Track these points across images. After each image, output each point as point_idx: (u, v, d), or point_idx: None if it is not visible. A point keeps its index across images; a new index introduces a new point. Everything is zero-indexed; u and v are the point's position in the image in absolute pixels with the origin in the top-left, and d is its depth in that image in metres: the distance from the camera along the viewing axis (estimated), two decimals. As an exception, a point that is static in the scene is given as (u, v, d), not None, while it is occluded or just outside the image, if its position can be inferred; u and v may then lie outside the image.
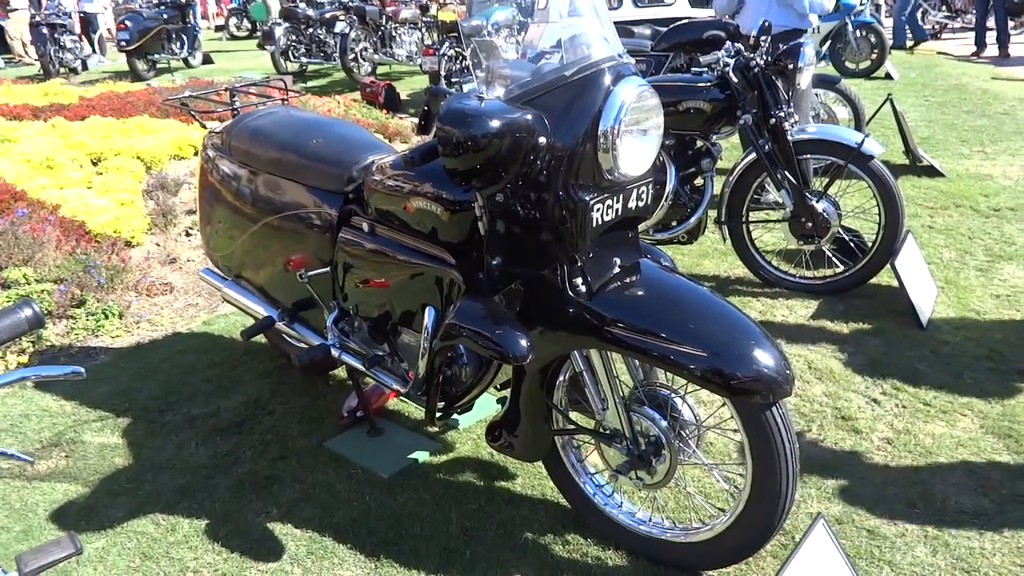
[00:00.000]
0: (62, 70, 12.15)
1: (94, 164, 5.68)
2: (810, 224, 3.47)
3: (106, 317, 3.76)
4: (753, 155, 3.49)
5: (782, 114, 3.40)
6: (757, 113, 3.45)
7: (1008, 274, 3.73)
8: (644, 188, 1.91)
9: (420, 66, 10.24)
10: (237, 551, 2.21)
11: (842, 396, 2.80)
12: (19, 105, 7.20)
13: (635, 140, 1.78)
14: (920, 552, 2.07)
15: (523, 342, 1.81)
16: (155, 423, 2.86)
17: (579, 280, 1.85)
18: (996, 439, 2.52)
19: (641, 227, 2.29)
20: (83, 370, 1.16)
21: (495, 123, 1.67)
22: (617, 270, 1.91)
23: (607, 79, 1.75)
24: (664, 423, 1.94)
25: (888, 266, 3.33)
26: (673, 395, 1.99)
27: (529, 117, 1.71)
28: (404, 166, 1.96)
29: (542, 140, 1.73)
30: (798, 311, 3.47)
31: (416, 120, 7.43)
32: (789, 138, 3.39)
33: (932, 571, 2.00)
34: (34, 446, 2.75)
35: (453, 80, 8.49)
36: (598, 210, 1.79)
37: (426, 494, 2.41)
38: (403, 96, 9.15)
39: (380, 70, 11.37)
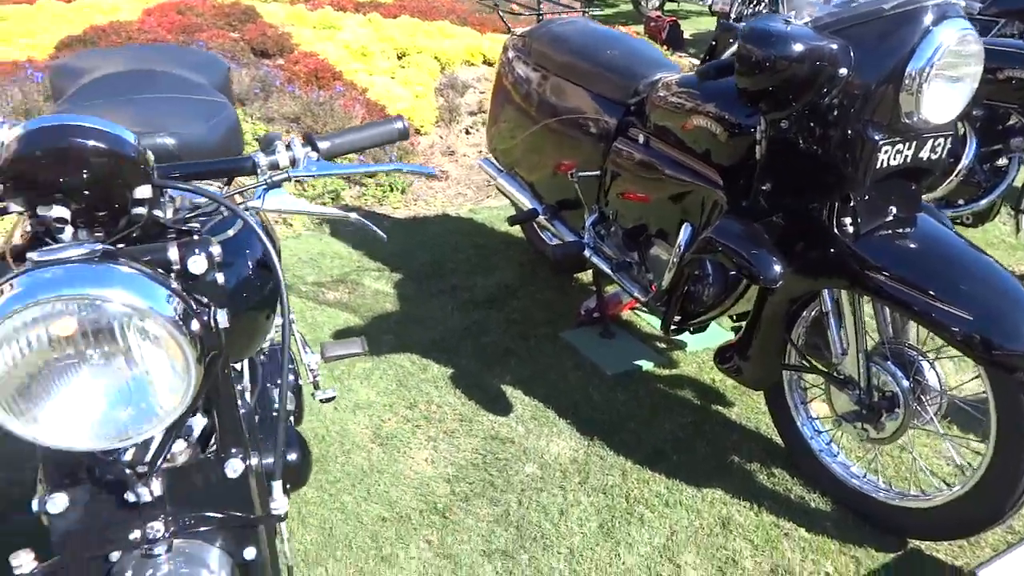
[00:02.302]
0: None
1: (399, 58, 6.31)
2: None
3: (391, 191, 4.28)
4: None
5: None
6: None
7: None
8: (940, 141, 1.83)
9: (709, 7, 9.93)
10: (473, 400, 2.53)
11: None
12: (348, -3, 8.08)
13: (944, 86, 1.71)
14: None
15: (777, 267, 1.86)
16: (421, 285, 3.27)
17: (848, 220, 1.84)
18: None
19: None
20: (436, 171, 1.29)
21: (798, 47, 1.69)
22: (891, 218, 1.86)
23: (928, 17, 1.69)
24: (906, 383, 1.90)
25: None
26: (921, 358, 1.93)
27: (834, 46, 1.71)
28: (698, 79, 2.03)
29: (842, 72, 1.72)
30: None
31: (695, 60, 7.31)
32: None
33: None
34: (326, 279, 3.28)
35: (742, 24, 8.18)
36: (885, 152, 1.76)
37: (644, 398, 2.56)
38: (686, 35, 9.00)
39: (668, 7, 11.20)
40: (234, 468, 0.98)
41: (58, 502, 0.91)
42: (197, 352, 0.85)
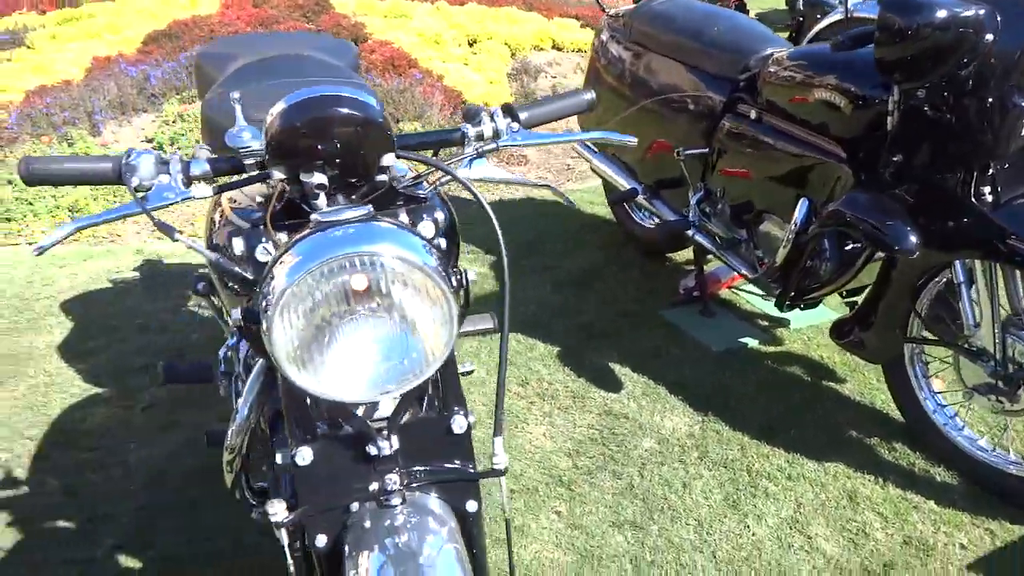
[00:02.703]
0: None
1: (470, 45, 6.36)
2: None
3: (475, 174, 4.33)
4: None
5: None
6: None
7: None
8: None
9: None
10: (583, 377, 2.57)
11: None
12: (410, -14, 8.15)
13: (1095, 48, 1.67)
14: None
15: (912, 237, 1.85)
16: (517, 263, 3.31)
17: (987, 188, 1.82)
18: None
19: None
20: (635, 140, 1.25)
21: (943, 13, 1.68)
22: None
23: None
24: (1044, 352, 1.88)
25: None
26: (1060, 328, 1.90)
27: (982, 12, 1.68)
28: (832, 49, 2.02)
29: (988, 38, 1.70)
30: None
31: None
32: None
33: None
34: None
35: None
36: (1027, 119, 1.73)
37: (752, 375, 2.56)
38: (752, 14, 8.85)
39: (731, -16, 11.01)
40: (459, 425, 1.03)
41: (305, 455, 0.97)
42: (457, 306, 0.90)
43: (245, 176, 0.99)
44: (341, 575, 0.97)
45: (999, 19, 1.69)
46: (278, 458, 1.00)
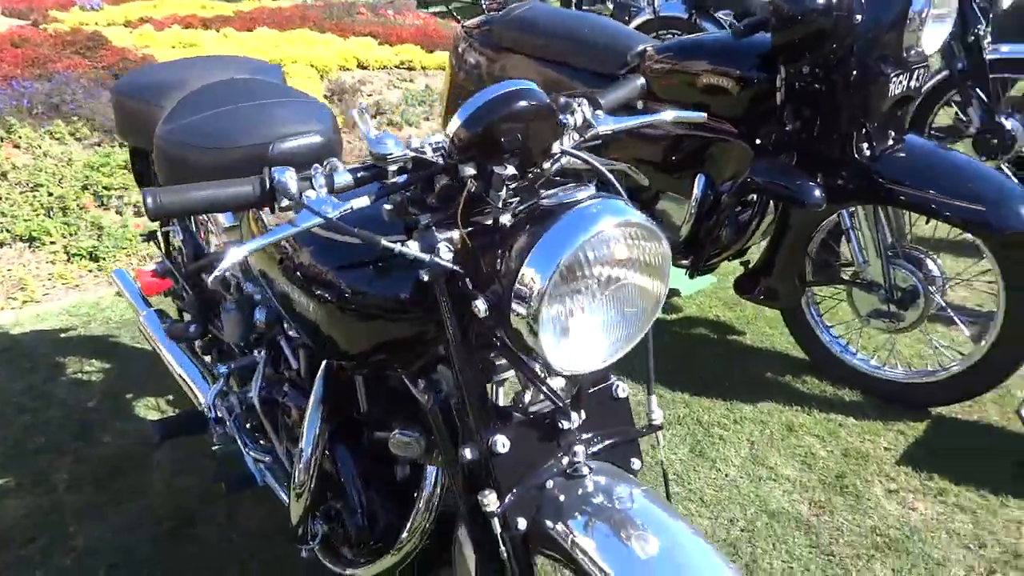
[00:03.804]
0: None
1: (275, 69, 6.15)
2: (995, 141, 3.68)
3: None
4: (945, 73, 3.69)
5: (980, 31, 3.59)
6: (955, 31, 3.63)
7: None
8: (921, 71, 2.20)
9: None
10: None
11: None
12: (187, 15, 7.71)
13: (934, 23, 2.07)
14: None
15: (817, 192, 2.15)
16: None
17: (865, 144, 2.17)
18: None
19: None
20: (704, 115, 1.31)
21: (822, 1, 1.99)
22: (891, 141, 2.22)
23: None
24: (920, 275, 2.27)
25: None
26: (926, 254, 2.31)
27: (849, -2, 2.02)
28: (734, 36, 2.27)
29: (858, 18, 2.04)
30: None
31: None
32: (985, 56, 3.58)
33: None
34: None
35: None
36: (892, 83, 2.10)
37: (668, 343, 2.80)
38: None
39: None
40: (622, 390, 1.08)
41: (503, 443, 0.97)
42: (668, 274, 0.96)
43: (423, 173, 0.98)
44: (542, 553, 1.00)
45: (863, 2, 2.04)
46: (466, 453, 1.00)
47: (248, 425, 1.68)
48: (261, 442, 1.72)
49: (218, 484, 1.72)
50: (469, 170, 0.94)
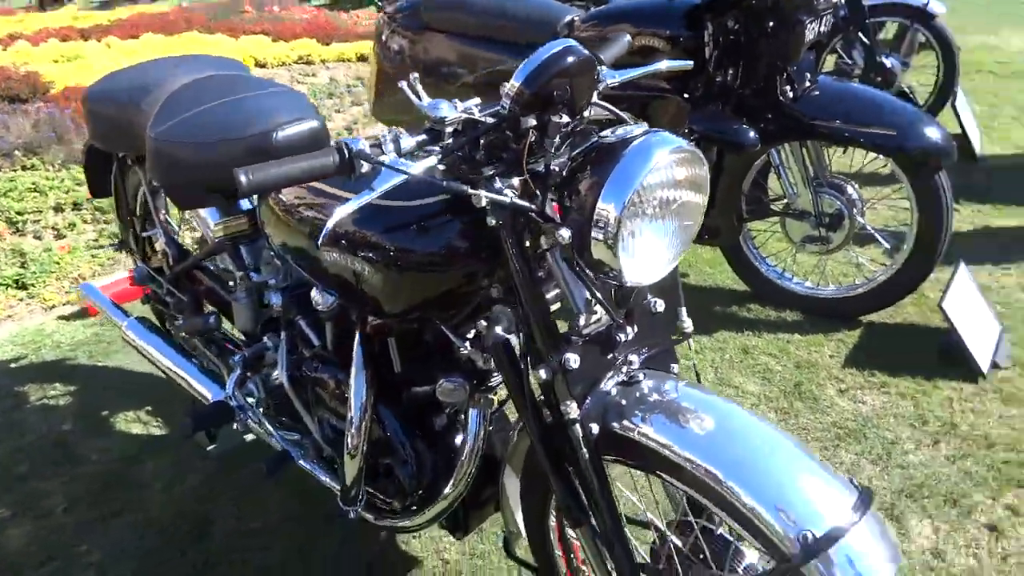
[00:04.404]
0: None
1: (172, 75, 5.99)
2: (880, 79, 4.07)
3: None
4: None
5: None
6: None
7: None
8: (828, 18, 2.47)
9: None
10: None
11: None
12: (63, 27, 7.35)
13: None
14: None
15: (751, 133, 2.38)
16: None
17: (788, 87, 2.42)
18: None
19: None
20: (691, 63, 1.47)
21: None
22: (809, 83, 2.48)
23: None
24: (843, 199, 2.56)
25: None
26: (846, 181, 2.60)
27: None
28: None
29: (771, -30, 2.27)
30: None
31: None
32: (863, 3, 3.95)
33: None
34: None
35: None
36: (807, 29, 2.35)
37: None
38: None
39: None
40: (660, 304, 1.24)
41: (574, 360, 1.11)
42: (708, 190, 1.13)
43: (488, 125, 1.10)
44: (611, 456, 1.16)
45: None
46: (541, 374, 1.14)
47: (270, 407, 1.76)
48: (283, 420, 1.80)
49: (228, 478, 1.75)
50: (531, 121, 1.07)
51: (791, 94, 2.42)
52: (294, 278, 1.67)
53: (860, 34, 4.01)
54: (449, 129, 1.11)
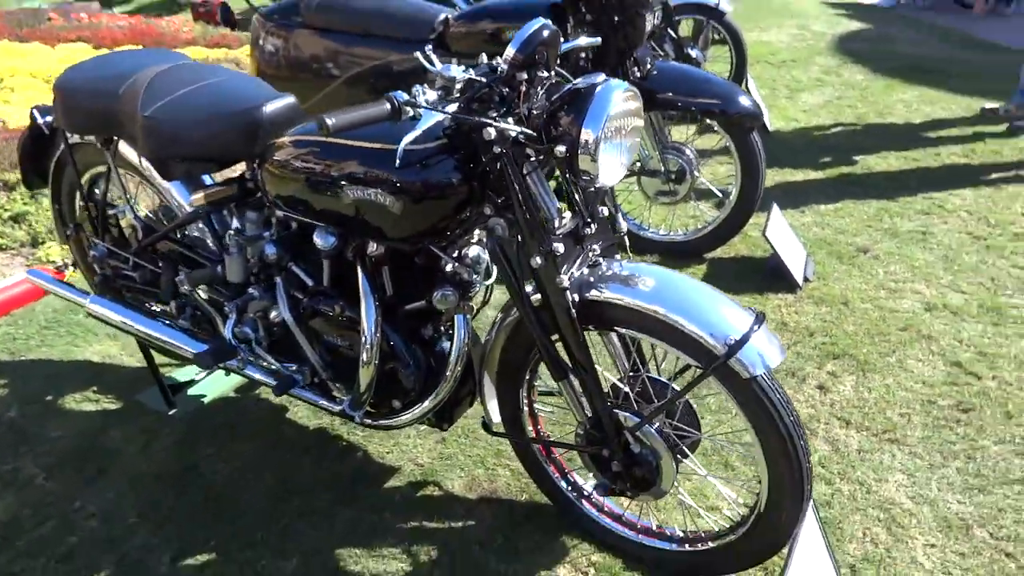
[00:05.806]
0: None
1: (-6, 85, 5.68)
2: (687, 67, 4.83)
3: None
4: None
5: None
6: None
7: (804, 99, 5.40)
8: (659, 10, 3.06)
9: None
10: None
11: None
12: None
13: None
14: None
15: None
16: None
17: (636, 68, 2.98)
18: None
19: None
20: (600, 40, 2.03)
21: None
22: (649, 65, 3.06)
23: None
24: (684, 158, 3.17)
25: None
26: (683, 144, 3.21)
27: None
28: None
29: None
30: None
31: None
32: (670, 1, 4.69)
33: (826, 233, 3.46)
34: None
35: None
36: (647, 20, 2.92)
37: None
38: (237, 14, 9.31)
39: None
40: (606, 210, 1.68)
41: (560, 248, 1.52)
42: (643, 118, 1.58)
43: (494, 78, 1.48)
44: (582, 323, 1.60)
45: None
46: (536, 261, 1.55)
47: (268, 343, 2.03)
48: (277, 352, 2.05)
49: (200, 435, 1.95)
50: (523, 75, 1.48)
51: (639, 74, 2.99)
52: (288, 229, 1.94)
53: (669, 29, 4.75)
54: (459, 86, 1.49)
